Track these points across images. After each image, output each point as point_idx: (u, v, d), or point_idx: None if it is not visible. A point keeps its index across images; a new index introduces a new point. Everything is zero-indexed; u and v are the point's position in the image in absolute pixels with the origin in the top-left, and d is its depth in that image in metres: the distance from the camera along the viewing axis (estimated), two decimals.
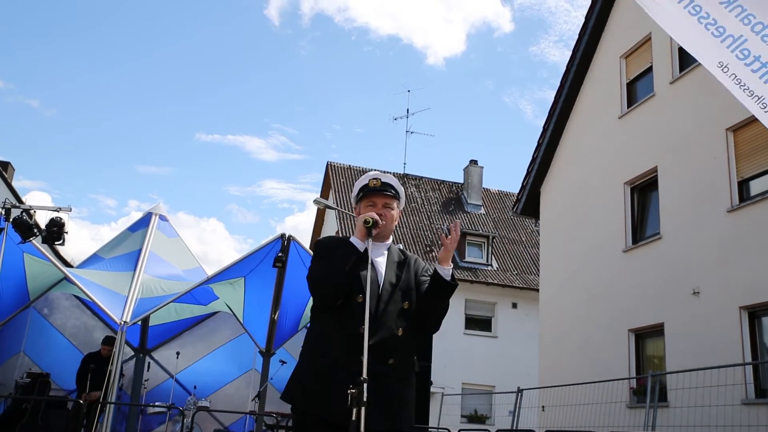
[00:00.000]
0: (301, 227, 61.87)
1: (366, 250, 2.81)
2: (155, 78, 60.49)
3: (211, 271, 10.73)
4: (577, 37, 15.40)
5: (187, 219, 67.50)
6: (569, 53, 15.73)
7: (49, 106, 61.74)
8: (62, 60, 58.30)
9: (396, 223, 3.06)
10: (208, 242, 64.36)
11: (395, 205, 3.02)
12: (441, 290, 2.89)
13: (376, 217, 2.86)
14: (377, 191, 2.98)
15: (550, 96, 73.74)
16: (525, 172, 16.62)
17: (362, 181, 3.05)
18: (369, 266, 2.73)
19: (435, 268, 2.90)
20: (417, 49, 62.40)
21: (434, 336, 8.94)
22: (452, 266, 2.92)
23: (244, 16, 63.23)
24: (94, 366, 9.94)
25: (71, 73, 58.45)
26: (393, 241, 3.12)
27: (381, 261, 2.94)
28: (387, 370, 2.72)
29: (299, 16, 63.33)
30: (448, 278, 2.87)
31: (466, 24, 63.87)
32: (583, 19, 15.21)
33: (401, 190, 3.07)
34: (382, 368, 2.70)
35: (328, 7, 63.61)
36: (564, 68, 15.54)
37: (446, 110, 58.86)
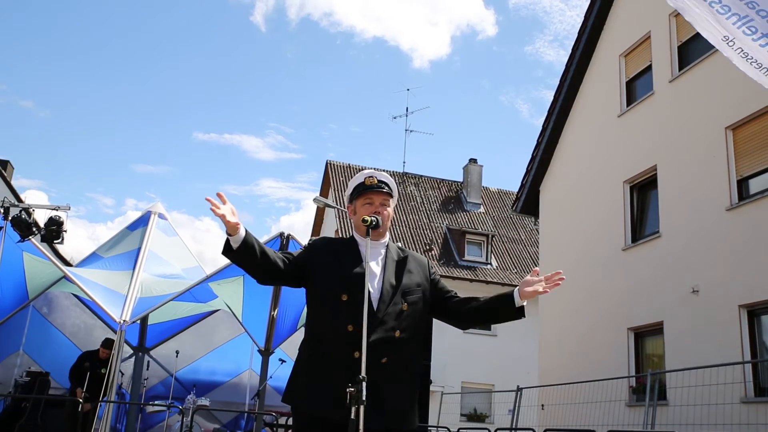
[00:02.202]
0: (297, 226, 61.78)
1: (359, 248, 2.83)
2: (152, 78, 60.46)
3: (208, 270, 10.74)
4: (574, 36, 15.41)
5: (181, 218, 67.60)
6: (564, 53, 15.85)
7: (42, 107, 61.69)
8: (56, 62, 58.10)
9: (390, 219, 3.06)
10: (203, 241, 64.33)
11: (390, 202, 3.02)
12: (505, 314, 2.89)
13: (377, 218, 2.87)
14: (374, 189, 2.97)
15: (546, 95, 73.78)
16: (524, 170, 16.64)
17: (357, 179, 3.04)
18: (367, 265, 2.72)
19: (514, 297, 2.83)
20: (403, 52, 62.40)
21: (433, 335, 8.94)
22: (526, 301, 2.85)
23: (231, 21, 63.15)
24: (89, 365, 9.94)
25: (67, 74, 58.42)
26: (391, 239, 3.10)
27: (379, 260, 2.93)
28: (379, 369, 2.69)
29: (286, 22, 63.33)
30: (520, 314, 2.84)
31: (451, 26, 63.80)
32: (578, 18, 15.34)
33: (395, 188, 3.07)
34: (374, 367, 2.66)
35: (313, 12, 63.61)
36: (559, 67, 15.60)
37: (444, 110, 58.84)
